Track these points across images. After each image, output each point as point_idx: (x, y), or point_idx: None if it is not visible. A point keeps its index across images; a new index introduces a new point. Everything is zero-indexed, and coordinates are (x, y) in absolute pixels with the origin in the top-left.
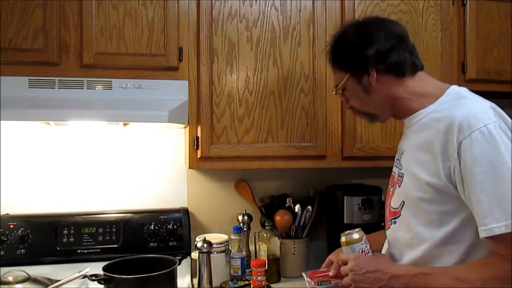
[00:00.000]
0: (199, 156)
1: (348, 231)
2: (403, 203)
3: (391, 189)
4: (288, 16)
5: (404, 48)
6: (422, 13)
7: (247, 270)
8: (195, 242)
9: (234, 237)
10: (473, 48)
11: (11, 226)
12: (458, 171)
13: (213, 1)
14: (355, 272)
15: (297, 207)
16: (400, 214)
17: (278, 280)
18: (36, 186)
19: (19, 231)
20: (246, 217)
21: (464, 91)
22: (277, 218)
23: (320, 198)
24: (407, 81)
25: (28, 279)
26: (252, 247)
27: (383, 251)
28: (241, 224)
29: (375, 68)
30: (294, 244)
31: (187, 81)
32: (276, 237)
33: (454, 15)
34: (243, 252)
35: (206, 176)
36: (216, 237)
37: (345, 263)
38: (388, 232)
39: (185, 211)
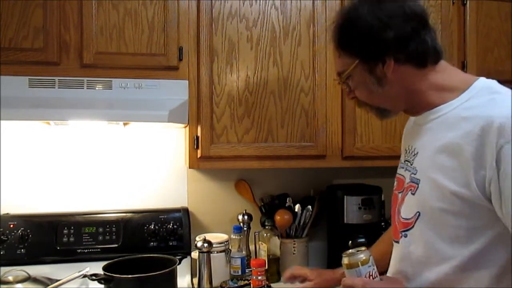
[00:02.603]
0: (199, 155)
1: (351, 251)
2: (419, 214)
3: (400, 195)
4: (288, 16)
5: (426, 32)
6: None
7: (247, 270)
8: (195, 242)
9: (234, 237)
10: (473, 48)
11: (11, 226)
12: (495, 182)
13: (213, 1)
14: None
15: (297, 207)
16: (413, 226)
17: (278, 280)
18: (36, 186)
19: (19, 231)
20: (246, 217)
21: (495, 84)
22: (277, 217)
23: (320, 198)
24: (428, 73)
25: (28, 278)
26: (252, 247)
27: (390, 267)
28: (241, 224)
29: (393, 57)
30: (294, 244)
31: (187, 81)
32: (276, 237)
33: (454, 14)
34: (243, 252)
35: (206, 176)
36: (216, 237)
37: None
38: (397, 245)
39: (185, 210)
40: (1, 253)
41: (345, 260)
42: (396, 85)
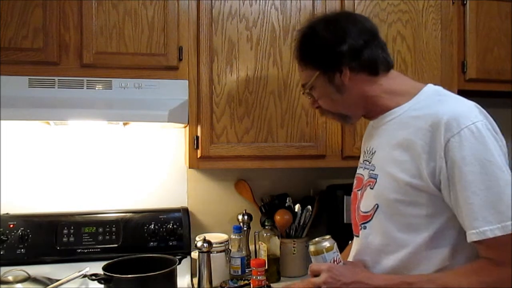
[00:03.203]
0: (199, 155)
1: (317, 239)
2: (377, 206)
3: (359, 192)
4: (288, 16)
5: (376, 45)
6: (422, 13)
7: (247, 270)
8: (195, 242)
9: (234, 237)
10: (473, 48)
11: (11, 226)
12: (444, 171)
13: (213, 1)
14: (330, 285)
15: (297, 207)
16: (372, 218)
17: (278, 280)
18: (36, 186)
19: (19, 231)
20: (246, 217)
21: (442, 89)
22: (277, 217)
23: (320, 198)
24: (381, 80)
25: (28, 278)
26: (252, 247)
27: (350, 258)
28: (241, 224)
29: (348, 66)
30: (294, 244)
31: (187, 81)
32: (276, 237)
33: (454, 14)
34: (243, 252)
35: (206, 175)
36: (216, 237)
37: (317, 275)
38: (357, 239)
39: (185, 210)
40: (1, 253)
41: (311, 248)
42: (353, 91)
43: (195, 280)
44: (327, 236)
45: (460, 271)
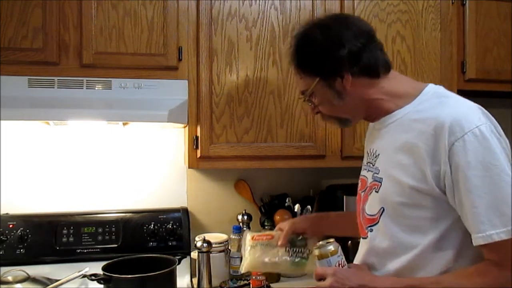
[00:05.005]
0: (198, 155)
1: (321, 243)
2: (383, 210)
3: (363, 194)
4: (288, 16)
5: (374, 46)
6: (422, 13)
7: None
8: (195, 242)
9: (233, 237)
10: (472, 48)
11: (11, 226)
12: (448, 175)
13: (212, 1)
14: None
15: (296, 207)
16: (378, 221)
17: (277, 280)
18: (36, 186)
19: (19, 231)
20: (245, 217)
21: (443, 89)
22: (277, 217)
23: (319, 198)
24: (382, 82)
25: (28, 278)
26: None
27: (356, 260)
28: (241, 224)
29: (349, 71)
30: None
31: (186, 81)
32: None
33: (453, 14)
34: None
35: (206, 175)
36: (215, 237)
37: (322, 279)
38: (364, 241)
39: (185, 210)
40: (1, 253)
41: (316, 252)
42: (355, 96)
43: (195, 280)
44: (331, 240)
45: (463, 273)
